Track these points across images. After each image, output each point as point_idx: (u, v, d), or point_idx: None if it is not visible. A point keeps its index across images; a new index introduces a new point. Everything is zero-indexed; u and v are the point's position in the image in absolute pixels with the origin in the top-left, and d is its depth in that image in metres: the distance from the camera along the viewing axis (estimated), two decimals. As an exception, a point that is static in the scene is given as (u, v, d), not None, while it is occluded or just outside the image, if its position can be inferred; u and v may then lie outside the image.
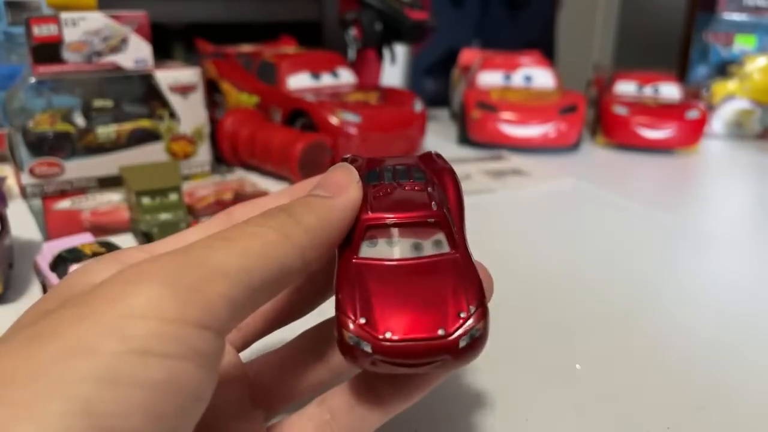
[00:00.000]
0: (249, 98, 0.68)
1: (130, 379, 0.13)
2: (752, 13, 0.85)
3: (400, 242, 0.19)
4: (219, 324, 0.15)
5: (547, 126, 0.72)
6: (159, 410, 0.13)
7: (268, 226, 0.17)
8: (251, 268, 0.16)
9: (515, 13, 1.32)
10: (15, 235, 0.41)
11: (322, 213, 0.18)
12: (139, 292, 0.14)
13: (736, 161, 0.75)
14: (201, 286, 0.15)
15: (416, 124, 0.67)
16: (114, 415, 0.13)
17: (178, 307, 0.14)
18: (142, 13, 0.54)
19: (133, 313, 0.14)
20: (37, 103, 0.51)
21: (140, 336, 0.14)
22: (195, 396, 0.15)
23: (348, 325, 0.17)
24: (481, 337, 0.17)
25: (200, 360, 0.15)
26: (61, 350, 0.13)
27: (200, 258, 0.16)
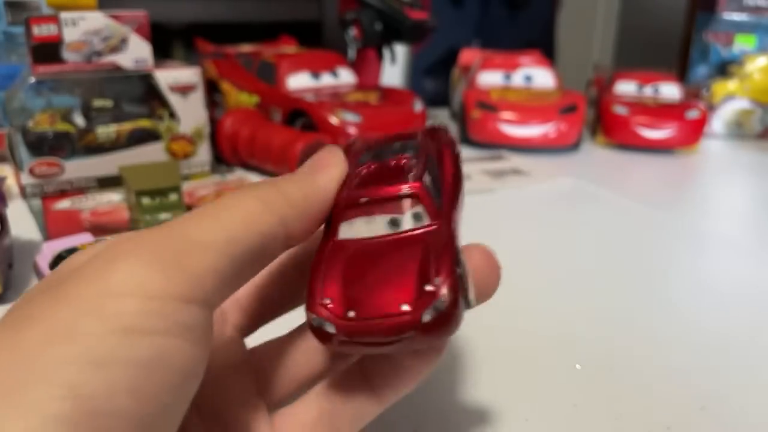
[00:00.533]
0: (249, 98, 0.68)
1: (115, 359, 0.13)
2: (752, 12, 0.85)
3: (377, 219, 0.18)
4: (205, 296, 0.15)
5: (547, 126, 0.72)
6: (147, 389, 0.13)
7: (250, 196, 0.17)
8: (233, 237, 0.16)
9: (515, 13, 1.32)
10: (15, 235, 0.41)
11: (306, 185, 0.18)
12: (118, 269, 0.14)
13: (737, 161, 0.75)
14: (183, 259, 0.15)
15: (416, 124, 0.67)
16: (100, 396, 0.12)
17: (160, 281, 0.14)
18: (142, 13, 0.54)
19: (114, 292, 0.14)
20: (36, 103, 0.51)
21: (122, 314, 0.13)
22: (184, 372, 0.14)
23: (312, 306, 0.17)
24: (447, 310, 0.16)
25: (187, 335, 0.14)
26: (41, 335, 0.13)
27: (180, 231, 0.16)
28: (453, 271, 0.16)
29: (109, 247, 0.15)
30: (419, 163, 0.19)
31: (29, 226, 0.47)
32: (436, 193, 0.18)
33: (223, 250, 0.15)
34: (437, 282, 0.16)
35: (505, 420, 0.26)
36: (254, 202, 0.17)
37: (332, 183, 0.19)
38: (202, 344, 0.15)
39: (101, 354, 0.13)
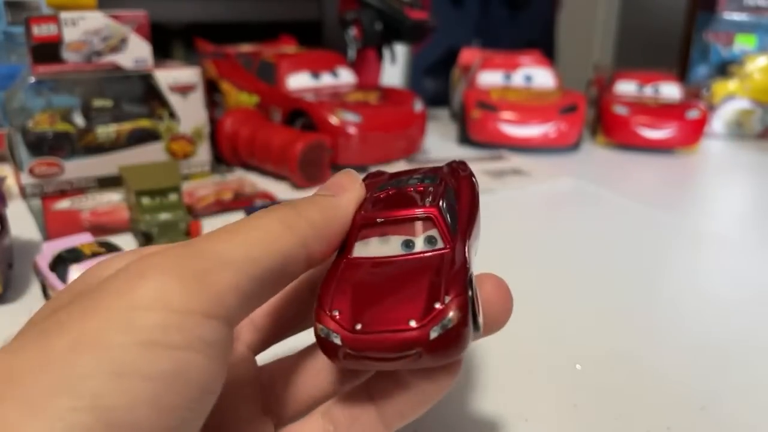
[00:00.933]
0: (249, 98, 0.68)
1: (137, 371, 0.13)
2: (752, 12, 0.85)
3: (392, 240, 0.19)
4: (227, 313, 0.15)
5: (548, 126, 0.72)
6: (166, 402, 0.13)
7: (272, 218, 0.17)
8: (255, 257, 0.16)
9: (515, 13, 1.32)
10: (15, 235, 0.41)
11: (325, 208, 0.19)
12: (145, 284, 0.14)
13: (737, 161, 0.75)
14: (207, 276, 0.15)
15: (416, 124, 0.67)
16: (121, 408, 0.13)
17: (183, 297, 0.14)
18: (142, 13, 0.54)
19: (139, 305, 0.14)
20: (36, 103, 0.51)
21: (146, 327, 0.14)
22: (203, 387, 0.14)
23: (320, 317, 0.17)
24: (455, 329, 0.16)
25: (208, 350, 0.14)
26: (66, 345, 0.13)
27: (205, 249, 0.16)
28: (463, 291, 0.16)
29: (138, 261, 0.15)
30: (437, 190, 0.20)
31: (29, 226, 0.47)
32: (452, 219, 0.19)
33: (244, 269, 0.16)
34: (446, 300, 0.16)
35: (505, 420, 0.25)
36: (276, 223, 0.17)
37: (351, 205, 0.19)
38: (221, 360, 0.15)
39: (124, 366, 0.13)
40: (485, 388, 0.28)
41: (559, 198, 0.58)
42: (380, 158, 0.64)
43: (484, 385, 0.28)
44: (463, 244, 0.18)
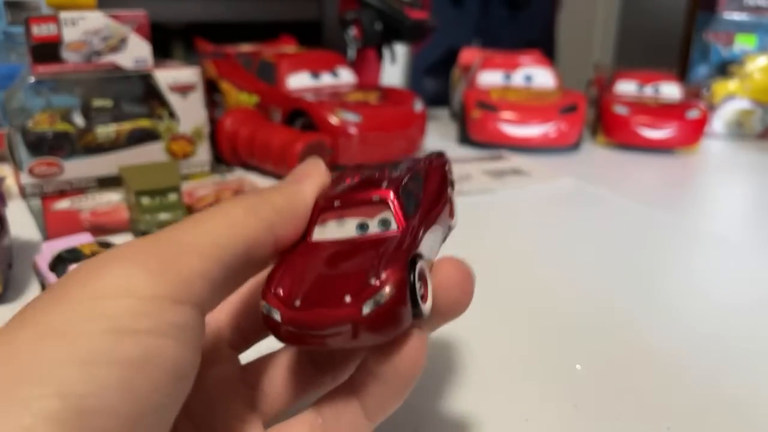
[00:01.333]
0: (249, 98, 0.68)
1: (105, 358, 0.13)
2: (753, 12, 0.85)
3: (347, 222, 0.19)
4: (195, 298, 0.15)
5: (548, 126, 0.72)
6: (136, 388, 0.13)
7: (237, 205, 0.18)
8: (221, 243, 0.16)
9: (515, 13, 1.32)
10: (14, 235, 0.41)
11: (289, 193, 0.19)
12: (109, 273, 0.15)
13: (737, 161, 0.75)
14: (173, 263, 0.15)
15: (416, 124, 0.67)
16: (90, 395, 0.13)
17: (150, 283, 0.15)
18: (142, 13, 0.54)
19: (104, 293, 0.14)
20: (36, 103, 0.51)
21: (113, 315, 0.14)
22: (175, 372, 0.14)
23: (264, 294, 0.18)
24: (388, 305, 0.16)
25: (177, 335, 0.15)
26: (31, 336, 0.13)
27: (171, 237, 0.16)
28: (401, 269, 0.16)
29: (103, 253, 0.16)
30: (398, 175, 0.20)
31: (29, 226, 0.47)
32: (409, 203, 0.19)
33: (210, 254, 0.16)
34: (382, 277, 0.16)
35: (505, 420, 0.25)
36: (241, 210, 0.18)
37: (314, 190, 0.20)
38: (192, 345, 0.15)
39: (91, 353, 0.13)
40: (486, 387, 0.28)
41: (559, 198, 0.58)
42: (380, 158, 0.64)
43: (484, 384, 0.28)
44: (416, 228, 0.18)
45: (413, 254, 0.17)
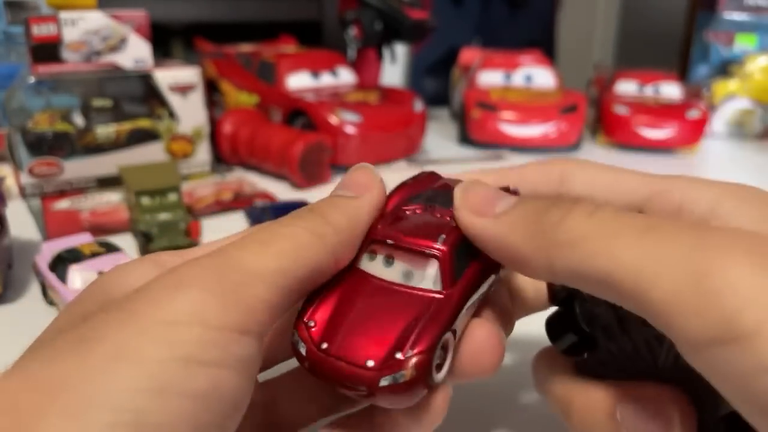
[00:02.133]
0: (248, 98, 0.68)
1: (177, 388, 0.13)
2: (753, 12, 0.85)
3: (396, 265, 0.18)
4: (258, 328, 0.15)
5: (548, 126, 0.72)
6: (203, 420, 0.14)
7: (300, 227, 0.17)
8: (286, 269, 0.16)
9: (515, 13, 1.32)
10: (14, 235, 0.41)
11: (350, 212, 0.18)
12: (181, 297, 0.14)
13: (737, 161, 0.75)
14: (240, 290, 0.15)
15: (416, 124, 0.67)
16: (163, 425, 0.13)
17: (219, 312, 0.14)
18: (142, 13, 0.54)
19: (177, 319, 0.14)
20: (36, 103, 0.51)
21: (184, 343, 0.14)
22: (235, 404, 0.15)
23: (297, 323, 0.18)
24: (406, 384, 0.16)
25: (240, 366, 0.15)
26: (106, 356, 0.13)
27: (237, 261, 0.16)
28: (429, 351, 0.16)
29: (173, 272, 0.15)
30: (457, 233, 0.18)
31: (29, 226, 0.47)
32: (460, 264, 0.18)
33: (276, 282, 0.16)
34: (408, 354, 0.16)
35: (505, 420, 0.25)
36: (305, 233, 0.17)
37: (373, 207, 0.19)
38: (251, 376, 0.15)
39: (165, 382, 0.13)
40: (485, 387, 0.28)
41: (559, 198, 0.58)
42: (380, 158, 0.64)
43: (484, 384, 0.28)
44: (459, 296, 0.18)
45: (449, 328, 0.17)
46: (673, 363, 0.17)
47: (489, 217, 0.18)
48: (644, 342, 0.18)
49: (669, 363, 0.18)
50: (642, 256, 0.14)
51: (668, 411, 0.17)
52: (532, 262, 0.16)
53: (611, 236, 0.15)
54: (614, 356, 0.19)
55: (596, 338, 0.19)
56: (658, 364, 0.18)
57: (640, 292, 0.14)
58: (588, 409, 0.18)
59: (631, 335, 0.18)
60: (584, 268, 0.15)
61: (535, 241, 0.16)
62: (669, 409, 0.17)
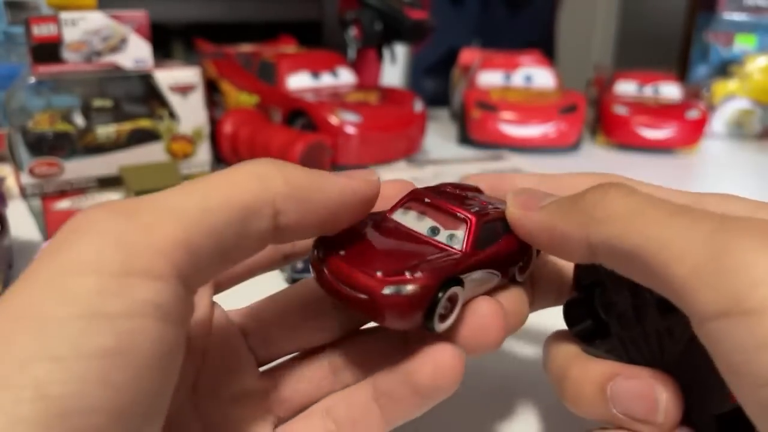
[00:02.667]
0: (249, 98, 0.68)
1: (79, 350, 0.12)
2: (752, 12, 0.85)
3: (425, 220, 0.20)
4: (176, 271, 0.14)
5: (547, 126, 0.72)
6: (117, 378, 0.12)
7: (244, 167, 0.16)
8: (210, 206, 0.15)
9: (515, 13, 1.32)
10: (14, 235, 0.41)
11: (317, 176, 0.17)
12: (79, 245, 0.13)
13: (737, 161, 0.75)
14: (150, 231, 0.14)
15: (416, 124, 0.67)
16: (69, 394, 0.12)
17: (121, 256, 0.13)
18: (142, 13, 0.54)
19: (73, 270, 0.13)
20: (36, 103, 0.51)
21: (82, 296, 0.12)
22: (157, 355, 0.13)
23: (319, 240, 0.19)
24: (405, 299, 0.17)
25: (155, 313, 0.13)
26: (5, 323, 0.12)
27: (153, 201, 0.15)
28: (435, 280, 0.17)
29: (74, 221, 0.14)
30: (494, 213, 0.20)
31: (29, 226, 0.47)
32: (485, 240, 0.19)
33: (195, 220, 0.14)
34: (416, 275, 0.17)
35: (505, 420, 0.26)
36: (245, 173, 0.16)
37: (348, 188, 0.18)
38: (175, 322, 0.14)
39: (64, 346, 0.12)
40: (486, 387, 0.28)
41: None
42: (380, 158, 0.64)
43: (484, 384, 0.28)
44: (475, 261, 0.19)
45: (454, 276, 0.18)
46: (678, 357, 0.18)
47: (534, 209, 0.19)
48: (655, 333, 0.19)
49: (674, 356, 0.18)
50: (668, 234, 0.15)
51: (657, 393, 0.18)
52: (573, 240, 0.18)
53: (642, 216, 0.16)
54: (624, 344, 0.20)
55: (609, 326, 0.20)
56: (664, 356, 0.18)
57: (664, 266, 0.15)
58: (581, 380, 0.19)
59: (644, 325, 0.19)
60: (617, 243, 0.16)
61: (575, 219, 0.18)
62: (658, 392, 0.18)
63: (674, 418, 0.17)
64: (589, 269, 0.20)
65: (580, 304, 0.21)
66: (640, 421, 0.18)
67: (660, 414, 0.17)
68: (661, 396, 0.17)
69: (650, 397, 0.18)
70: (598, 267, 0.18)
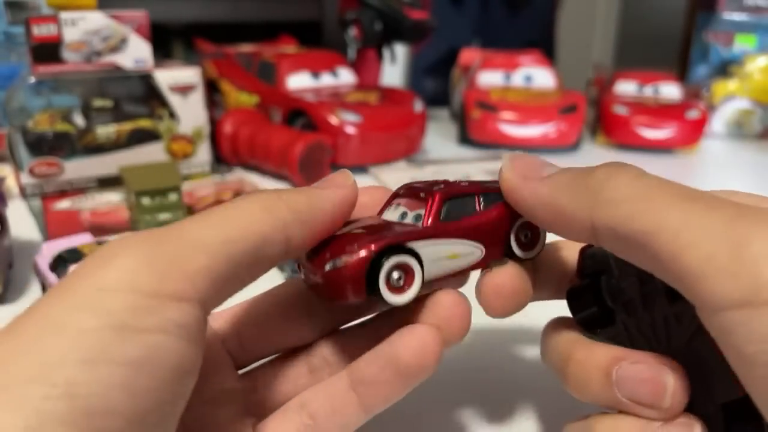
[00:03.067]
0: (249, 98, 0.68)
1: (108, 356, 0.13)
2: (752, 12, 0.85)
3: (398, 209, 0.21)
4: (199, 295, 0.15)
5: (547, 126, 0.72)
6: (139, 386, 0.13)
7: (251, 201, 0.18)
8: (230, 238, 0.16)
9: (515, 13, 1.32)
10: (14, 235, 0.41)
11: (311, 197, 0.19)
12: (113, 265, 0.14)
13: (737, 161, 0.75)
14: (178, 258, 0.15)
15: (416, 124, 0.67)
16: (94, 395, 0.13)
17: (153, 279, 0.14)
18: (142, 13, 0.54)
19: (108, 287, 0.14)
20: (36, 103, 0.51)
21: (116, 310, 0.14)
22: (177, 370, 0.14)
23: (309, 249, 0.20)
24: (340, 271, 0.18)
25: (179, 332, 0.14)
26: (38, 329, 0.13)
27: (178, 232, 0.16)
28: (370, 250, 0.18)
29: (108, 246, 0.15)
30: (459, 188, 0.20)
31: (29, 226, 0.47)
32: (454, 215, 0.20)
33: (218, 250, 0.16)
34: (354, 248, 0.18)
35: (505, 420, 0.26)
36: (255, 206, 0.17)
37: (337, 198, 0.19)
38: (195, 342, 0.15)
39: (94, 351, 0.13)
40: (486, 387, 0.28)
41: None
42: (380, 158, 0.64)
43: (485, 384, 0.28)
44: (434, 232, 0.19)
45: (399, 244, 0.18)
46: (685, 344, 0.18)
47: (535, 180, 0.19)
48: (663, 320, 0.18)
49: (680, 344, 0.18)
50: (682, 220, 0.15)
51: (664, 378, 0.17)
52: (575, 220, 0.17)
53: (654, 199, 0.15)
54: (628, 331, 0.19)
55: (614, 313, 0.20)
56: (671, 343, 0.18)
57: (676, 253, 0.14)
58: (585, 364, 0.19)
59: (652, 312, 0.19)
60: (625, 227, 0.16)
61: (579, 198, 0.17)
62: (665, 376, 0.17)
63: (680, 404, 0.17)
64: (595, 256, 0.20)
65: (585, 291, 0.21)
66: (645, 405, 0.17)
67: (666, 399, 0.17)
68: (668, 381, 0.17)
69: (657, 382, 0.17)
70: (605, 254, 0.18)
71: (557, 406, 0.26)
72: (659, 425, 0.17)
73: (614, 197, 0.16)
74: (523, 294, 0.21)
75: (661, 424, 0.17)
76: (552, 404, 0.27)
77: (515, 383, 0.28)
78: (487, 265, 0.21)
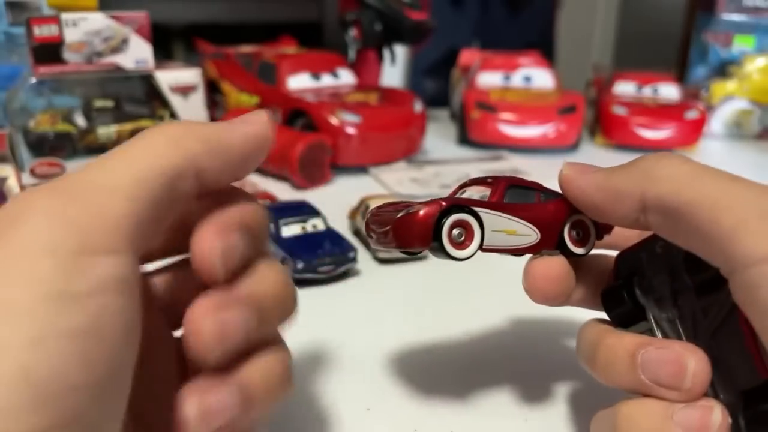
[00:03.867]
0: (249, 98, 0.69)
1: (56, 330, 0.12)
2: (751, 13, 0.85)
3: (465, 193, 0.24)
4: (128, 244, 0.14)
5: (547, 126, 0.72)
6: (95, 355, 0.12)
7: (156, 133, 0.16)
8: (144, 177, 0.15)
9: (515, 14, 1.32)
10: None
11: (219, 128, 0.18)
12: (27, 225, 0.13)
13: (736, 161, 0.75)
14: (95, 207, 0.14)
15: (416, 124, 0.67)
16: (55, 375, 0.12)
17: (75, 236, 0.13)
18: (143, 14, 0.54)
19: (28, 252, 0.13)
20: (37, 104, 0.51)
21: (45, 277, 0.12)
22: (125, 327, 0.13)
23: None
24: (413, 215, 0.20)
25: (120, 288, 0.13)
26: None
27: (85, 177, 0.15)
28: (439, 208, 0.20)
29: (14, 202, 0.14)
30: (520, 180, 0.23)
31: (30, 226, 0.47)
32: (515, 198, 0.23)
33: (133, 193, 0.15)
34: (427, 203, 0.20)
35: (505, 420, 0.26)
36: (160, 138, 0.16)
37: (248, 130, 0.19)
38: (134, 294, 0.14)
39: (38, 328, 0.12)
40: (486, 387, 0.28)
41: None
42: (380, 158, 0.64)
43: (484, 384, 0.28)
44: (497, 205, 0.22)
45: (463, 206, 0.21)
46: (711, 335, 0.19)
47: (590, 172, 0.22)
48: (691, 313, 0.20)
49: (706, 335, 0.19)
50: (721, 192, 0.17)
51: (685, 360, 0.18)
52: (627, 196, 0.19)
53: (697, 178, 0.18)
54: (659, 326, 0.21)
55: (646, 309, 0.22)
56: (698, 335, 0.19)
57: (713, 219, 0.17)
58: (614, 347, 0.20)
59: (681, 307, 0.20)
60: (671, 199, 0.18)
61: (632, 176, 0.20)
62: (686, 359, 0.18)
63: (701, 386, 0.18)
64: (630, 259, 0.23)
65: (619, 289, 0.22)
66: (666, 386, 0.18)
67: (687, 380, 0.18)
68: (690, 363, 0.18)
69: (678, 363, 0.18)
70: (638, 256, 0.21)
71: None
72: (681, 407, 0.18)
73: (663, 174, 0.19)
74: (566, 283, 0.22)
75: (684, 405, 0.18)
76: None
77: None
78: (539, 252, 0.23)
